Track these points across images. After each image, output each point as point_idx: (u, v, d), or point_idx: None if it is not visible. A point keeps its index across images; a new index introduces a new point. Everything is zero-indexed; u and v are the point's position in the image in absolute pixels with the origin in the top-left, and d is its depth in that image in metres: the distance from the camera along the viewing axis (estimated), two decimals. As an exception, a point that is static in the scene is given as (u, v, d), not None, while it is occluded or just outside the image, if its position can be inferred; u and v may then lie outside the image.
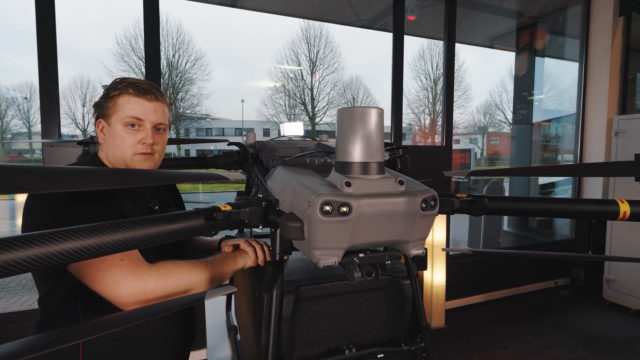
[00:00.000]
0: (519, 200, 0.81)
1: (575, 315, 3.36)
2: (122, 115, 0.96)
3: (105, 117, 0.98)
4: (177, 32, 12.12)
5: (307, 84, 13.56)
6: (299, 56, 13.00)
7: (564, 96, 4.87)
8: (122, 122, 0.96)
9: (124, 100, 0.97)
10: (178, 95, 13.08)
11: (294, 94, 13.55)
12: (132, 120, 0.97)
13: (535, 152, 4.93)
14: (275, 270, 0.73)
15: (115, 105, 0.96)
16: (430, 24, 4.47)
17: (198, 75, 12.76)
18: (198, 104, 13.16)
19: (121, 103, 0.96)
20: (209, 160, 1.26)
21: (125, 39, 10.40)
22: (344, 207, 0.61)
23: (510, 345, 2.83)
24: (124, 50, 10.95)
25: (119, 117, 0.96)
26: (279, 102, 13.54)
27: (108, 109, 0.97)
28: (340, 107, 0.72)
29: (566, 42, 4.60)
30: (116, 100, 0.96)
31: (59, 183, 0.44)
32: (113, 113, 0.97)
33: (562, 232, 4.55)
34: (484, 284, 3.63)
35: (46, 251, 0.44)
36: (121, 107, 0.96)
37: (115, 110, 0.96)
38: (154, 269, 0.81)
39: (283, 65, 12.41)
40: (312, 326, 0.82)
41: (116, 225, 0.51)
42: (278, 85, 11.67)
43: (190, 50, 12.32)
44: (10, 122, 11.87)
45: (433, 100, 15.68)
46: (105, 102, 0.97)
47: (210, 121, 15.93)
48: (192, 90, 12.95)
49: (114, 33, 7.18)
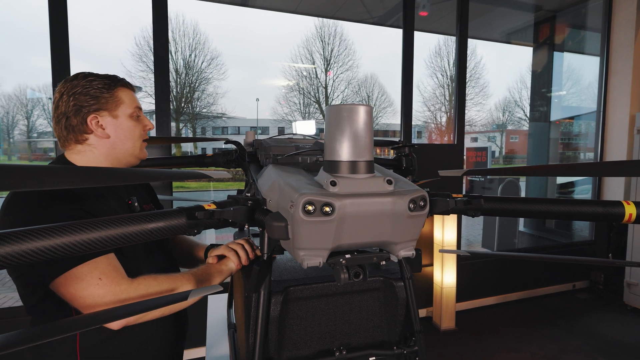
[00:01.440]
0: (518, 201, 0.78)
1: (593, 319, 3.24)
2: (129, 107, 0.98)
3: (109, 110, 0.96)
4: (193, 32, 12.30)
5: (322, 82, 13.54)
6: (313, 54, 12.98)
7: (584, 92, 4.68)
8: (129, 114, 0.98)
9: (124, 93, 0.98)
10: (194, 95, 13.28)
11: (308, 92, 13.56)
12: (138, 112, 1.01)
13: (554, 150, 4.77)
14: (262, 269, 0.72)
15: (118, 98, 0.97)
16: (444, 20, 4.38)
17: (214, 75, 12.91)
18: (214, 103, 13.33)
19: (121, 95, 0.97)
20: (209, 158, 1.27)
21: (143, 39, 10.62)
22: (327, 207, 0.60)
23: (524, 349, 2.75)
24: (142, 50, 11.19)
25: (125, 109, 0.97)
26: (293, 101, 13.57)
27: (109, 102, 0.95)
28: (325, 108, 0.71)
29: (587, 36, 4.43)
30: (116, 92, 0.96)
31: (27, 181, 0.44)
32: (118, 105, 0.97)
33: (581, 234, 4.39)
34: (497, 285, 3.54)
35: (21, 249, 0.44)
36: (123, 99, 0.97)
37: (120, 103, 0.97)
38: (133, 287, 0.80)
39: (297, 63, 12.43)
40: (302, 327, 0.81)
41: (94, 224, 0.51)
42: (292, 84, 11.69)
43: (206, 50, 12.49)
44: (36, 122, 12.32)
45: (450, 98, 15.40)
46: (104, 95, 0.95)
47: (225, 120, 16.12)
48: (208, 89, 13.12)
49: (133, 34, 7.34)
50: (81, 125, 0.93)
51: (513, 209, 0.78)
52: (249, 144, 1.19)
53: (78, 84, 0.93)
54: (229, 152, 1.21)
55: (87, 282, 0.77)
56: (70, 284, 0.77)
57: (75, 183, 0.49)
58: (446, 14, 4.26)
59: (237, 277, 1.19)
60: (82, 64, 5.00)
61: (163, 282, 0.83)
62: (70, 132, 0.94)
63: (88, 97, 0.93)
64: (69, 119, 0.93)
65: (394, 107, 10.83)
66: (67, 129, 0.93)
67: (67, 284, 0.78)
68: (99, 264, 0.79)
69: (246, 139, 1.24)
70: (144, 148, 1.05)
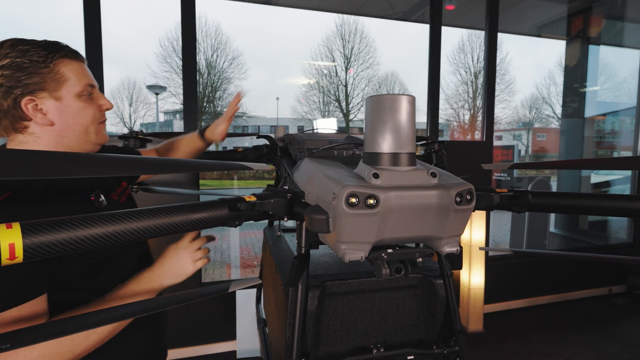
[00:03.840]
0: (567, 196, 0.73)
1: (633, 326, 3.07)
2: (76, 84, 0.78)
3: (49, 91, 0.75)
4: (215, 33, 12.49)
5: (342, 80, 13.48)
6: (333, 52, 12.93)
7: (619, 88, 4.45)
8: (76, 93, 0.78)
9: (68, 67, 0.78)
10: (216, 94, 13.50)
11: (328, 90, 13.53)
12: (90, 89, 0.81)
13: (588, 149, 4.55)
14: (300, 263, 0.71)
15: (58, 74, 0.76)
16: (471, 13, 4.25)
17: (235, 74, 13.08)
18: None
19: (64, 70, 0.77)
20: (240, 153, 1.27)
21: (167, 40, 10.89)
22: (371, 200, 0.58)
23: (556, 354, 2.63)
24: (166, 51, 11.46)
25: (71, 87, 0.78)
26: (312, 100, 13.58)
27: (47, 80, 0.75)
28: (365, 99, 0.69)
29: (625, 27, 4.19)
30: (56, 67, 0.76)
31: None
32: (60, 84, 0.76)
33: (617, 235, 4.17)
34: (527, 288, 3.41)
35: (69, 236, 0.44)
36: (67, 76, 0.77)
37: (63, 80, 0.76)
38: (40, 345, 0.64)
39: (317, 62, 12.42)
40: (338, 323, 0.80)
41: (142, 213, 0.51)
42: (312, 82, 11.70)
43: (227, 50, 12.66)
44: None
45: (473, 95, 15.00)
46: (41, 71, 0.74)
47: (246, 119, 16.33)
48: (229, 89, 13.31)
49: (158, 36, 7.55)
50: (14, 110, 0.73)
51: (563, 204, 0.73)
52: (280, 139, 1.19)
53: (6, 55, 0.71)
54: (259, 147, 1.21)
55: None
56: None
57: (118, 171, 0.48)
58: (473, 7, 4.14)
59: (267, 272, 1.19)
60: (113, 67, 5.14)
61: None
62: (4, 118, 0.74)
63: (20, 72, 0.72)
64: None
65: (416, 105, 10.69)
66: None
67: None
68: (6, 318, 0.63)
69: (276, 134, 1.23)
70: (103, 130, 0.86)
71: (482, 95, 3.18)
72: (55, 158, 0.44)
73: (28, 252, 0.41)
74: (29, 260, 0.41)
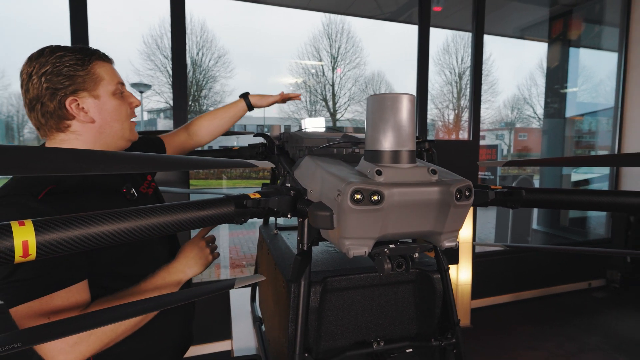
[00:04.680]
0: (559, 192, 0.76)
1: (611, 318, 3.19)
2: (110, 83, 0.85)
3: (88, 90, 0.82)
4: (200, 30, 12.31)
5: (329, 79, 13.48)
6: (320, 52, 12.92)
7: (595, 90, 4.61)
8: (111, 91, 0.85)
9: (102, 68, 0.85)
10: (202, 93, 13.30)
11: (315, 90, 13.52)
12: (121, 88, 0.89)
13: (569, 148, 4.70)
14: (303, 260, 0.72)
15: (95, 75, 0.83)
16: (457, 15, 4.33)
17: (221, 73, 12.92)
18: (221, 101, 13.37)
19: (100, 71, 0.84)
20: (235, 152, 1.27)
21: (151, 38, 10.70)
22: (375, 196, 0.59)
23: (541, 347, 2.72)
24: (150, 49, 11.24)
25: (106, 86, 0.85)
26: (299, 99, 13.52)
27: (86, 80, 0.82)
28: (362, 102, 0.71)
29: (604, 31, 4.35)
30: (92, 69, 0.83)
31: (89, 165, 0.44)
32: (97, 84, 0.83)
33: (596, 231, 4.33)
34: (512, 283, 3.51)
35: (80, 234, 0.44)
36: (102, 76, 0.84)
37: (99, 80, 0.84)
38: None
39: (304, 60, 12.40)
40: (339, 318, 0.81)
41: (151, 211, 0.51)
42: (299, 82, 11.70)
43: (213, 48, 12.50)
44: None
45: (458, 95, 15.25)
46: (79, 74, 0.81)
47: (232, 118, 16.09)
48: (215, 87, 13.13)
49: (141, 33, 7.40)
50: (60, 111, 0.80)
51: (555, 199, 0.77)
52: (276, 137, 1.19)
53: (47, 61, 0.79)
54: (255, 146, 1.21)
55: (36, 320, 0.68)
56: (21, 319, 0.68)
57: (117, 168, 0.48)
58: (459, 9, 4.22)
59: (264, 270, 1.20)
60: (95, 61, 4.99)
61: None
62: (49, 119, 0.81)
63: (61, 77, 0.79)
64: (45, 105, 0.80)
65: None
66: (44, 116, 0.81)
67: (20, 317, 0.68)
68: (55, 299, 0.70)
69: (272, 132, 1.24)
70: (134, 127, 0.94)
71: (469, 96, 3.25)
72: (73, 156, 0.43)
73: (41, 249, 0.41)
74: (42, 257, 0.41)
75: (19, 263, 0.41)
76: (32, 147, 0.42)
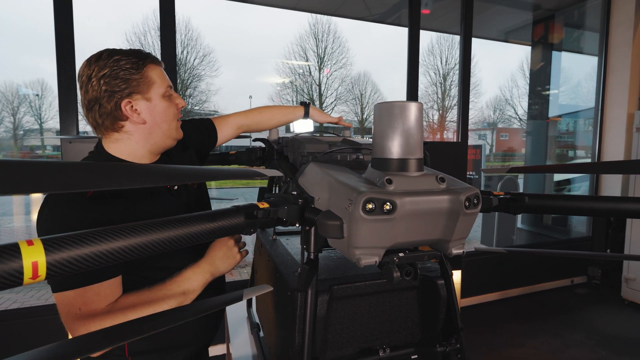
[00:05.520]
0: (561, 199, 0.78)
1: (593, 314, 3.30)
2: (160, 86, 0.90)
3: (142, 93, 0.87)
4: (185, 29, 12.12)
5: (315, 79, 13.48)
6: (307, 52, 12.91)
7: (581, 91, 4.77)
8: (161, 94, 0.90)
9: (154, 72, 0.89)
10: (187, 92, 13.12)
11: (302, 89, 13.50)
12: (170, 90, 0.92)
13: (552, 148, 4.84)
14: (310, 269, 0.71)
15: (148, 78, 0.88)
16: (444, 17, 4.40)
17: (206, 72, 12.75)
18: (206, 100, 13.17)
19: (152, 75, 0.88)
20: (232, 156, 1.25)
21: (134, 35, 10.46)
22: (387, 205, 0.59)
23: (527, 343, 2.79)
24: (133, 46, 10.99)
25: (157, 89, 0.89)
26: (286, 98, 13.50)
27: (140, 84, 0.87)
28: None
29: (585, 35, 4.49)
30: (146, 72, 0.88)
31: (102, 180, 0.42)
32: (150, 87, 0.88)
33: (577, 230, 4.47)
34: (499, 282, 3.58)
35: (90, 251, 0.42)
36: (154, 79, 0.89)
37: (151, 83, 0.88)
38: (110, 317, 0.78)
39: (291, 60, 12.36)
40: (345, 326, 0.81)
41: (162, 224, 0.50)
42: (286, 82, 11.66)
43: (198, 47, 12.32)
44: (23, 119, 11.99)
45: (442, 96, 15.50)
46: (134, 77, 0.86)
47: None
48: (200, 86, 12.96)
49: (124, 30, 7.22)
50: (115, 112, 0.86)
51: (557, 205, 0.78)
52: (274, 142, 1.18)
53: (105, 65, 0.84)
54: (253, 150, 1.20)
55: (67, 313, 0.77)
56: (59, 304, 0.78)
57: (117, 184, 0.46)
58: (446, 12, 4.28)
59: (263, 277, 1.18)
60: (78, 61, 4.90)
61: (139, 307, 0.81)
62: (106, 120, 0.86)
63: (118, 80, 0.84)
64: (103, 106, 0.85)
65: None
66: (101, 117, 0.86)
67: (58, 302, 0.78)
68: (88, 291, 0.78)
69: (270, 136, 1.22)
70: (179, 126, 0.98)
71: (458, 99, 3.30)
72: (85, 170, 0.41)
73: (51, 269, 0.38)
74: (51, 277, 0.39)
75: None
76: (38, 163, 0.40)
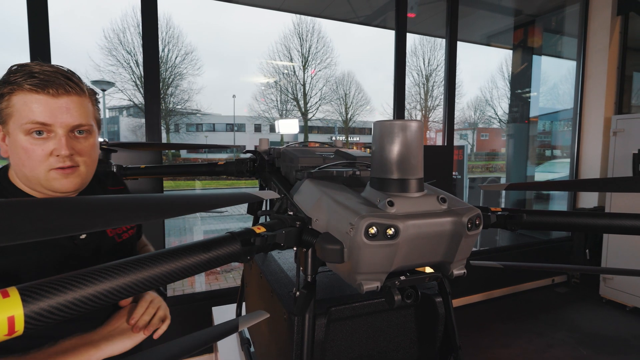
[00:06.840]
0: (559, 215, 0.78)
1: (573, 312, 3.40)
2: (20, 120, 0.71)
3: (2, 124, 0.73)
4: (166, 26, 11.84)
5: (299, 79, 13.41)
6: (291, 51, 12.83)
7: (557, 93, 4.93)
8: (22, 129, 0.71)
9: (21, 100, 0.70)
10: (168, 90, 12.82)
11: (286, 89, 13.41)
12: (34, 127, 0.71)
13: (533, 148, 4.97)
14: (308, 292, 0.69)
15: (10, 107, 0.71)
16: (428, 21, 4.44)
17: (188, 70, 12.49)
18: (189, 99, 12.91)
19: (17, 103, 0.70)
20: (220, 167, 1.21)
21: (112, 32, 10.14)
22: (390, 230, 0.57)
23: (513, 344, 2.84)
24: (112, 44, 10.65)
25: (16, 123, 0.71)
26: (270, 98, 13.38)
27: (3, 112, 0.72)
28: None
29: (564, 40, 4.62)
30: (9, 99, 0.71)
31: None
32: (9, 118, 0.72)
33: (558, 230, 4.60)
34: (482, 282, 3.64)
35: (74, 297, 0.38)
36: (18, 109, 0.70)
37: (11, 114, 0.71)
38: None
39: (275, 60, 12.26)
40: (343, 347, 0.78)
41: (148, 260, 0.46)
42: (271, 81, 11.57)
43: (180, 45, 12.06)
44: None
45: (425, 96, 15.71)
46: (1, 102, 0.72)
47: (200, 116, 15.74)
48: (182, 85, 12.69)
49: (102, 26, 6.98)
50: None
51: (554, 222, 0.78)
52: (265, 152, 1.14)
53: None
54: (243, 161, 1.15)
55: None
56: None
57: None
58: (430, 15, 4.32)
59: (255, 293, 1.14)
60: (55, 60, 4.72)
61: None
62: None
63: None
64: None
65: (371, 105, 10.95)
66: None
67: None
68: None
69: (260, 146, 1.18)
70: (62, 179, 0.75)
71: (444, 103, 3.33)
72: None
73: (30, 323, 0.34)
74: (30, 331, 0.35)
75: None
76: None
